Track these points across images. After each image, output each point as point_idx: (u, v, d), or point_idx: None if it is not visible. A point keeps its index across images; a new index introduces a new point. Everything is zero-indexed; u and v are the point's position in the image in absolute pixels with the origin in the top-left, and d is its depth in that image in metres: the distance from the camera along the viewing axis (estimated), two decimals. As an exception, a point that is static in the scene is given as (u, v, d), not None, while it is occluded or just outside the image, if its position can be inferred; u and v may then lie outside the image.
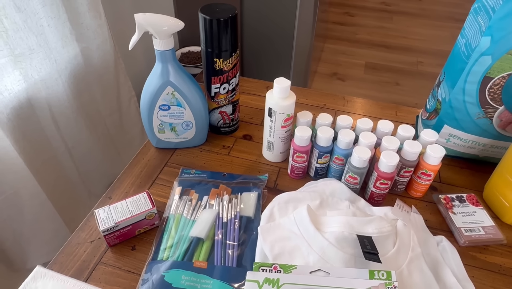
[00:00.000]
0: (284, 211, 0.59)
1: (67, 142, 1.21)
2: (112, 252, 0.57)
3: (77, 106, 1.19)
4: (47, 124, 1.11)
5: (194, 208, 0.62)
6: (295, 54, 1.89)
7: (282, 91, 0.63)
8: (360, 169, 0.61)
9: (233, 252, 0.56)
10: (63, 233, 1.21)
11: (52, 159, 1.17)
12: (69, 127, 1.19)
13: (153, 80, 0.65)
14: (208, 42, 0.66)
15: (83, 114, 1.23)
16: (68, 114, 1.17)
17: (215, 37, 0.65)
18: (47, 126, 1.11)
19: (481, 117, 0.64)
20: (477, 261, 0.58)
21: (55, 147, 1.17)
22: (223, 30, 0.64)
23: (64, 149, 1.20)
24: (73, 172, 1.27)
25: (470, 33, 0.61)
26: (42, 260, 1.22)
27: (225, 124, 0.78)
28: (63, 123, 1.17)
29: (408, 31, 2.99)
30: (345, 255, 0.50)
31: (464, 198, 0.65)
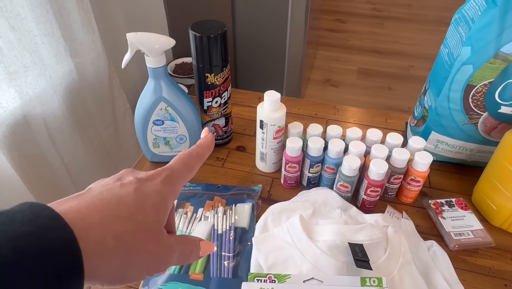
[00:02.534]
0: (277, 221, 0.61)
1: (63, 157, 1.22)
2: (110, 267, 0.58)
3: (72, 121, 1.20)
4: (43, 140, 1.12)
5: (190, 221, 0.63)
6: (288, 62, 1.91)
7: (272, 104, 0.64)
8: (350, 177, 0.62)
9: (228, 263, 0.57)
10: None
11: (49, 174, 1.17)
12: (64, 142, 1.20)
13: (146, 97, 0.67)
14: (199, 58, 0.68)
15: (78, 128, 1.24)
16: (63, 130, 1.18)
17: (206, 53, 0.66)
18: (43, 142, 1.12)
19: (467, 123, 0.66)
20: (467, 264, 0.60)
21: (51, 162, 1.18)
22: (213, 46, 0.66)
23: (60, 164, 1.21)
24: (70, 186, 1.28)
25: (452, 43, 0.63)
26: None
27: (219, 136, 0.79)
28: (59, 139, 1.18)
29: (399, 36, 3.04)
30: (338, 263, 0.52)
31: (453, 203, 0.66)
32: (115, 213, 0.26)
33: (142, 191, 0.28)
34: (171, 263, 0.30)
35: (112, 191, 0.27)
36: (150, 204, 0.28)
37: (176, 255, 0.30)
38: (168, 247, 0.29)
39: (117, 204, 0.26)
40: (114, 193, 0.27)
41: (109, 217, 0.25)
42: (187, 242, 0.32)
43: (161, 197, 0.29)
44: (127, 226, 0.26)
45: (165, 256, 0.29)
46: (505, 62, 0.57)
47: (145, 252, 0.27)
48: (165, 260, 0.29)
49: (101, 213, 0.25)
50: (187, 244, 0.32)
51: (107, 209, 0.26)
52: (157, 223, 0.28)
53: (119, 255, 0.25)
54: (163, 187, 0.30)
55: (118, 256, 0.25)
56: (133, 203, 0.27)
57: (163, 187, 0.30)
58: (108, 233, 0.25)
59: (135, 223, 0.27)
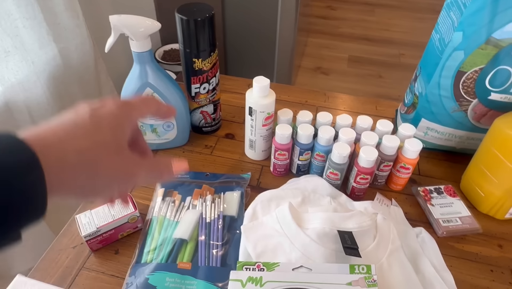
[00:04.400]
0: (266, 209, 0.60)
1: (48, 146, 1.19)
2: (95, 257, 0.57)
3: (57, 108, 1.17)
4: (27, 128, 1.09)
5: (177, 209, 0.62)
6: (279, 49, 1.89)
7: (261, 90, 0.63)
8: (340, 165, 0.62)
9: (217, 252, 0.57)
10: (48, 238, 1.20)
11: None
12: (50, 130, 1.17)
13: (131, 82, 0.65)
14: (186, 43, 0.66)
15: (64, 116, 1.21)
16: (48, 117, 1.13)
17: (193, 37, 0.64)
18: (27, 130, 1.09)
19: (456, 110, 0.66)
20: (454, 250, 0.60)
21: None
22: (201, 30, 0.64)
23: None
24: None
25: (444, 28, 0.62)
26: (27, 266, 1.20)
27: (207, 124, 0.78)
28: (44, 126, 1.15)
29: (390, 23, 3.02)
30: (326, 250, 0.51)
31: (442, 190, 0.66)
32: (72, 134, 0.28)
33: (96, 114, 0.30)
34: (140, 177, 0.33)
35: (68, 119, 0.29)
36: (105, 125, 0.30)
37: (144, 170, 0.33)
38: (133, 161, 0.32)
39: (74, 127, 0.29)
40: (70, 119, 0.29)
41: (67, 137, 0.28)
42: (157, 161, 0.35)
43: (115, 118, 0.31)
44: (85, 143, 0.28)
45: (131, 169, 0.32)
46: (496, 48, 0.56)
47: (109, 164, 0.30)
48: (132, 173, 0.32)
49: (58, 134, 0.28)
50: (157, 162, 0.35)
51: (64, 131, 0.28)
52: (115, 140, 0.31)
53: (83, 168, 0.28)
54: (116, 109, 0.32)
55: (82, 169, 0.28)
56: (89, 125, 0.29)
57: (117, 109, 0.32)
58: (68, 150, 0.27)
59: (93, 141, 0.29)
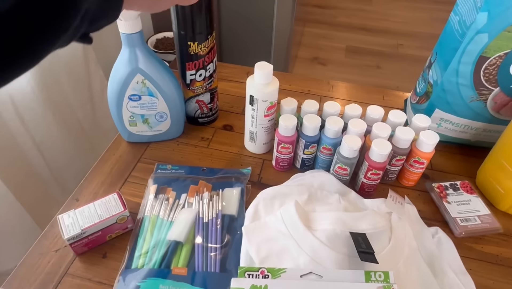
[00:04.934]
0: (270, 208, 0.55)
1: (34, 138, 1.13)
2: (81, 262, 0.52)
3: (43, 98, 1.11)
4: (11, 119, 1.02)
5: (172, 208, 0.57)
6: (275, 39, 1.82)
7: (264, 77, 0.57)
8: (350, 159, 0.57)
9: (215, 255, 0.51)
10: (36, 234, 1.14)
11: (19, 156, 1.09)
12: (36, 121, 1.10)
13: (120, 68, 0.58)
14: (181, 24, 0.59)
15: (51, 107, 1.14)
16: (34, 107, 1.08)
17: (188, 18, 0.58)
18: (10, 122, 1.03)
19: (475, 100, 0.61)
20: (473, 252, 0.56)
21: (21, 142, 1.09)
22: (197, 10, 0.58)
23: (32, 145, 1.12)
24: (44, 168, 1.19)
25: (464, 9, 0.57)
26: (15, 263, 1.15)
27: (203, 114, 0.72)
28: (29, 117, 1.08)
29: (388, 13, 2.96)
30: (338, 255, 0.46)
31: (458, 186, 0.62)
32: None
33: None
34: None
35: None
36: None
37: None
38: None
39: None
40: None
41: None
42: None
43: None
44: None
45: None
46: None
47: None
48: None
49: None
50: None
51: None
52: None
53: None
54: None
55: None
56: None
57: None
58: None
59: None
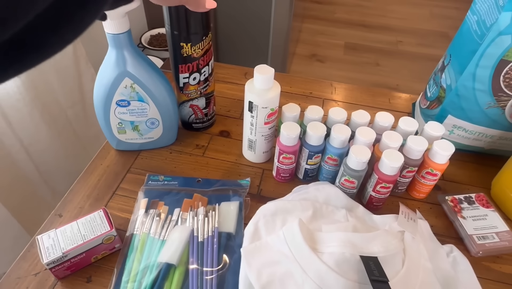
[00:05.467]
0: (271, 226, 0.50)
1: (22, 140, 1.07)
2: (62, 286, 0.47)
3: (30, 98, 1.05)
4: (-4, 120, 0.97)
5: (164, 225, 0.52)
6: (273, 35, 1.77)
7: (264, 82, 0.52)
8: (358, 171, 0.52)
9: (211, 279, 0.47)
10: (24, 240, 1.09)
11: (5, 159, 1.03)
12: (23, 122, 1.05)
13: (106, 71, 0.53)
14: (174, 23, 0.54)
15: (39, 107, 1.09)
16: (20, 108, 1.03)
17: (182, 16, 0.53)
18: (-5, 123, 0.97)
19: (492, 106, 0.56)
20: (491, 272, 0.51)
21: (8, 145, 1.03)
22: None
23: (20, 147, 1.07)
24: (33, 171, 1.14)
25: (483, 9, 0.52)
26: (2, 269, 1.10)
27: (198, 119, 0.67)
28: (16, 119, 1.03)
29: (387, 9, 2.91)
30: (348, 282, 0.42)
31: (473, 199, 0.57)
32: None
33: None
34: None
35: None
36: None
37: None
38: None
39: None
40: None
41: None
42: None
43: None
44: None
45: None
46: (549, 33, 0.47)
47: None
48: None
49: None
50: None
51: None
52: None
53: None
54: None
55: None
56: None
57: None
58: None
59: None
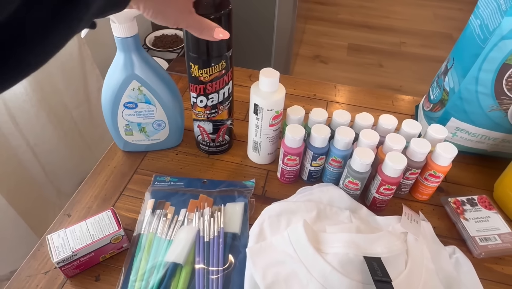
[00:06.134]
0: (276, 227, 0.51)
1: (28, 140, 1.09)
2: (72, 285, 0.48)
3: (37, 99, 1.06)
4: (3, 121, 0.98)
5: (170, 225, 0.53)
6: (277, 36, 1.78)
7: (269, 85, 0.53)
8: (362, 173, 0.53)
9: (217, 278, 0.47)
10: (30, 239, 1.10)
11: (12, 159, 1.04)
12: (29, 123, 1.06)
13: (115, 74, 0.54)
14: (185, 39, 0.52)
15: (45, 108, 1.10)
16: (27, 109, 1.04)
17: (189, 35, 0.49)
18: (3, 124, 0.98)
19: (495, 109, 0.57)
20: (493, 273, 0.52)
21: (15, 145, 1.04)
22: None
23: (26, 147, 1.08)
24: (38, 171, 1.15)
25: (486, 13, 0.53)
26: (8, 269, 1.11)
27: (204, 142, 0.65)
28: (23, 119, 1.04)
29: (390, 10, 2.91)
30: (352, 282, 0.43)
31: (475, 201, 0.58)
32: None
33: None
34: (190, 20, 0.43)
35: None
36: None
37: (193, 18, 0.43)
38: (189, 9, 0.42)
39: None
40: None
41: None
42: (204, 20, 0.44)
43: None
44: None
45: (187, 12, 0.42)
46: (551, 37, 0.47)
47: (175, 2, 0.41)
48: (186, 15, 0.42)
49: None
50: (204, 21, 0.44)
51: None
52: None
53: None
54: None
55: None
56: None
57: None
58: None
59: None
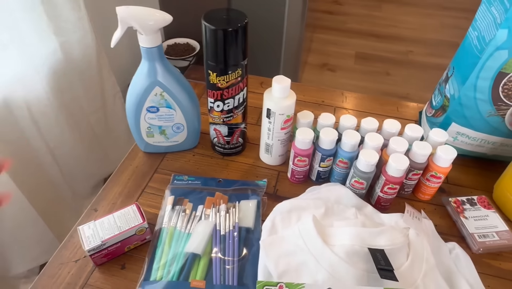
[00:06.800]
0: (287, 221, 0.55)
1: (48, 143, 1.14)
2: (100, 272, 0.52)
3: (58, 105, 1.12)
4: (26, 124, 1.04)
5: (189, 220, 0.57)
6: (285, 45, 1.83)
7: (281, 91, 0.58)
8: (367, 173, 0.57)
9: (233, 268, 0.52)
10: (47, 238, 1.15)
11: (33, 160, 1.10)
12: (50, 127, 1.12)
13: (139, 80, 0.59)
14: (204, 48, 0.57)
15: (65, 112, 1.16)
16: (48, 113, 1.10)
17: (207, 44, 0.55)
18: (26, 127, 1.04)
19: (493, 115, 0.60)
20: (491, 268, 0.55)
21: (36, 148, 1.10)
22: (212, 39, 0.54)
23: (46, 150, 1.14)
24: (56, 173, 1.20)
25: (483, 25, 0.57)
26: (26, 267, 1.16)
27: (219, 144, 0.69)
28: (44, 123, 1.10)
29: (397, 19, 2.96)
30: (357, 271, 0.46)
31: (475, 201, 0.61)
32: None
33: None
34: None
35: None
36: None
37: None
38: None
39: None
40: None
41: None
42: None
43: None
44: None
45: None
46: (543, 48, 0.51)
47: None
48: None
49: None
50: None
51: None
52: None
53: None
54: None
55: None
56: None
57: None
58: None
59: None
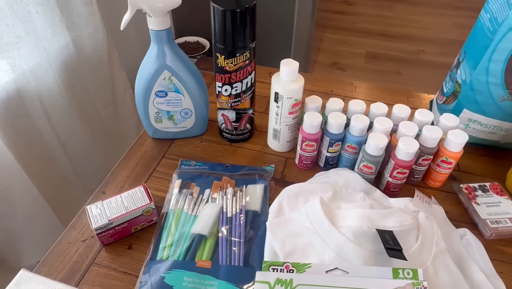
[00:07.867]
0: (294, 204, 0.54)
1: (60, 136, 1.16)
2: (107, 252, 0.52)
3: (69, 98, 1.14)
4: (38, 117, 1.05)
5: (196, 202, 0.57)
6: (295, 44, 1.83)
7: (290, 74, 0.57)
8: (376, 157, 0.56)
9: (239, 249, 0.51)
10: (57, 230, 1.16)
11: (44, 153, 1.11)
12: (61, 120, 1.13)
13: (148, 64, 0.60)
14: (213, 32, 0.57)
15: (76, 106, 1.17)
16: (60, 107, 1.11)
17: (219, 27, 0.55)
18: (38, 119, 1.06)
19: (506, 99, 0.59)
20: (504, 255, 0.54)
21: (47, 140, 1.12)
22: (220, 20, 0.54)
23: (57, 143, 1.15)
24: (67, 166, 1.22)
25: (496, 7, 0.56)
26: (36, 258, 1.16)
27: (227, 130, 0.69)
28: (55, 116, 1.11)
29: (408, 19, 2.94)
30: (365, 251, 0.46)
31: (487, 187, 0.60)
32: None
33: None
34: None
35: None
36: None
37: None
38: None
39: None
40: None
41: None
42: None
43: None
44: None
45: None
46: (557, 28, 0.50)
47: None
48: None
49: None
50: None
51: None
52: None
53: None
54: None
55: None
56: None
57: None
58: None
59: None
